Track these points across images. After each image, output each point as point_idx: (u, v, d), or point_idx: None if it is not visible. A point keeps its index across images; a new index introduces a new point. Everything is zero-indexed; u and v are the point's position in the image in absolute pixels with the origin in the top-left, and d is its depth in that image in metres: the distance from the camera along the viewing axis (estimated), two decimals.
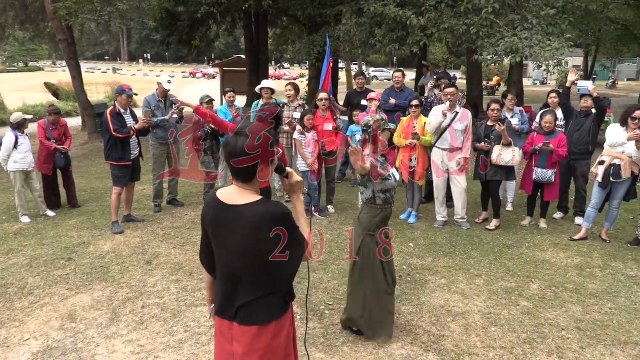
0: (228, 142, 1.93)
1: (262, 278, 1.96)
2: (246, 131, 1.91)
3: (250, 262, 1.93)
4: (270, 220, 1.88)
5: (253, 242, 1.89)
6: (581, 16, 13.03)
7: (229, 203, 1.95)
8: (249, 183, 1.96)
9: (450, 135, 5.84)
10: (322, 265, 4.94)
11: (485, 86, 27.57)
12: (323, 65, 7.82)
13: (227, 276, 1.99)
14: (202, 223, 2.08)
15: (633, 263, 5.08)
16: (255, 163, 1.90)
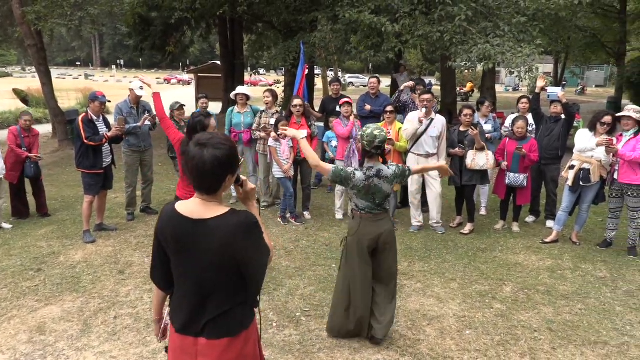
0: (193, 155, 1.82)
1: (234, 289, 1.93)
2: (213, 143, 1.83)
3: (223, 274, 1.89)
4: (244, 230, 1.85)
5: (227, 255, 1.85)
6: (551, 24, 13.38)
7: (195, 218, 1.88)
8: (213, 195, 1.90)
9: (426, 142, 5.91)
10: (298, 272, 4.92)
11: (459, 92, 28.06)
12: (297, 72, 7.84)
13: (194, 292, 1.92)
14: (158, 239, 1.98)
15: (602, 265, 5.21)
16: (224, 176, 1.86)
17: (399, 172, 3.47)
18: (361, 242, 3.48)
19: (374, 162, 3.43)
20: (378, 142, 3.35)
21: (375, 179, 3.38)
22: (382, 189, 3.40)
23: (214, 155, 1.80)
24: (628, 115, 5.36)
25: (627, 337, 3.80)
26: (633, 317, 4.11)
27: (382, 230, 3.46)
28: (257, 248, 1.90)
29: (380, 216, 3.49)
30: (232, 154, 1.87)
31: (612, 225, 5.66)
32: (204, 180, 1.85)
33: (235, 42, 18.49)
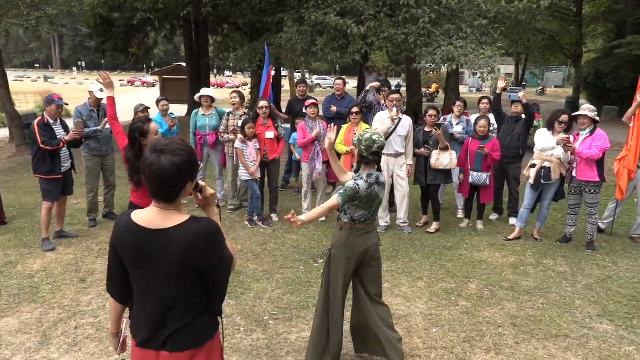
0: (150, 163, 1.74)
1: (196, 299, 1.87)
2: (171, 149, 1.76)
3: (184, 285, 1.83)
4: (205, 238, 1.79)
5: (189, 265, 1.78)
6: (511, 26, 13.74)
7: (153, 228, 1.80)
8: (172, 203, 1.83)
9: (395, 141, 5.97)
10: (266, 275, 4.88)
11: (424, 93, 28.50)
12: (263, 73, 7.80)
13: (154, 304, 1.85)
14: (114, 251, 1.91)
15: (562, 260, 5.37)
16: (183, 183, 1.79)
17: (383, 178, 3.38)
18: (348, 255, 3.22)
19: (371, 169, 3.24)
20: (376, 148, 3.17)
21: (375, 186, 3.20)
22: (379, 196, 3.26)
23: (172, 161, 1.74)
24: (584, 115, 5.55)
25: (587, 330, 3.92)
26: (592, 310, 4.25)
27: (370, 244, 3.25)
28: (220, 256, 1.85)
29: (371, 227, 3.28)
30: (191, 160, 1.81)
31: (572, 221, 5.85)
32: (162, 188, 1.78)
33: (201, 44, 18.24)
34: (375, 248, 3.30)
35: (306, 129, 6.35)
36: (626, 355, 3.58)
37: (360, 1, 9.96)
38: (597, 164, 5.45)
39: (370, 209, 3.24)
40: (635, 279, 4.92)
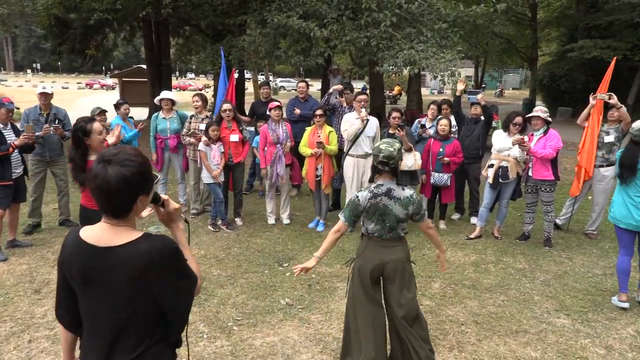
0: (95, 174, 1.58)
1: (150, 327, 1.68)
2: (119, 159, 1.59)
3: (136, 311, 1.64)
4: (159, 258, 1.60)
5: (140, 287, 1.60)
6: (470, 30, 14.10)
7: (101, 245, 1.62)
8: (123, 219, 1.65)
9: (364, 142, 6.00)
10: (230, 280, 4.81)
11: (387, 95, 28.88)
12: (220, 76, 7.71)
13: (103, 332, 1.66)
14: (61, 271, 1.73)
15: (521, 257, 5.52)
16: (133, 197, 1.62)
17: (416, 200, 3.09)
18: (363, 267, 3.12)
19: (384, 179, 3.07)
20: (382, 157, 2.99)
21: (384, 197, 3.02)
22: (392, 211, 3.01)
23: (120, 173, 1.56)
24: (536, 116, 5.74)
25: (545, 325, 4.04)
26: (549, 305, 4.38)
27: (387, 259, 3.07)
28: (177, 278, 1.66)
29: (391, 243, 3.10)
30: (143, 171, 1.63)
31: (529, 219, 6.02)
32: (108, 202, 1.61)
33: (162, 46, 17.90)
34: (395, 264, 3.09)
35: (269, 131, 6.30)
36: (582, 348, 3.70)
37: (322, 5, 10.00)
38: (552, 163, 5.64)
39: (384, 223, 3.05)
40: (590, 273, 5.10)
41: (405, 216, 3.06)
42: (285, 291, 4.59)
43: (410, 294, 3.14)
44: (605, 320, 4.13)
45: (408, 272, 3.16)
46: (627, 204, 4.27)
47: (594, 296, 4.58)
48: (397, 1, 9.96)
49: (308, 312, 4.19)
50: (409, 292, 3.13)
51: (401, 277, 3.12)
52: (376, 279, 3.16)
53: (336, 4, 10.06)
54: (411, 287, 3.16)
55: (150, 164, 1.71)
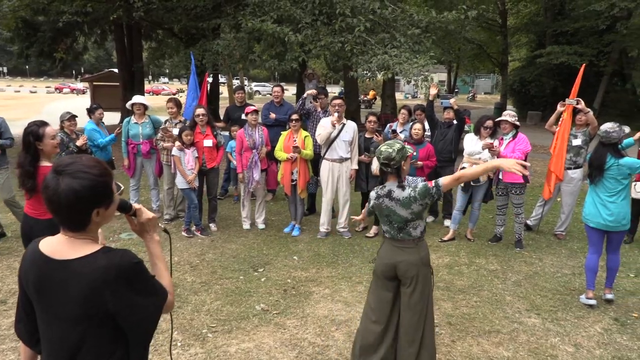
0: (46, 185, 1.50)
1: (107, 345, 1.57)
2: (71, 170, 1.50)
3: (92, 328, 1.53)
4: (116, 274, 1.50)
5: (93, 304, 1.50)
6: (442, 36, 14.36)
7: (57, 258, 1.54)
8: (81, 232, 1.57)
9: (339, 146, 6.02)
10: (204, 287, 4.75)
11: (362, 100, 29.10)
12: (190, 81, 7.63)
13: (59, 350, 1.57)
14: (20, 283, 1.65)
15: (493, 258, 5.62)
16: (86, 210, 1.53)
17: (421, 193, 2.95)
18: (378, 265, 3.19)
19: (389, 181, 3.08)
20: (382, 159, 3.00)
21: (385, 199, 3.04)
22: (396, 211, 3.01)
23: (70, 186, 1.47)
24: (505, 120, 5.88)
25: (517, 324, 4.12)
26: (521, 305, 4.47)
27: (399, 259, 3.06)
28: (137, 296, 1.54)
29: (404, 244, 3.08)
30: (96, 185, 1.52)
31: (501, 221, 6.14)
32: (61, 215, 1.53)
33: (134, 49, 17.62)
34: (407, 266, 3.05)
35: (245, 136, 6.27)
36: (552, 347, 3.79)
37: (296, 9, 10.03)
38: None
39: (392, 224, 3.07)
40: (559, 273, 5.23)
41: (411, 216, 3.00)
42: (260, 297, 4.56)
43: (415, 298, 3.07)
44: (574, 319, 4.24)
45: (422, 277, 3.08)
46: (596, 203, 4.42)
47: (563, 295, 4.70)
48: (371, 7, 10.06)
49: (283, 317, 4.17)
50: (412, 295, 3.08)
51: (414, 280, 3.07)
52: (390, 279, 3.16)
53: (310, 9, 10.11)
54: (417, 294, 3.07)
55: (109, 175, 1.60)
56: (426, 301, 3.12)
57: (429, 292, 3.14)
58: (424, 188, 2.95)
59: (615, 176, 4.32)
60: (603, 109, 20.95)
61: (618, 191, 4.34)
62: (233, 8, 11.27)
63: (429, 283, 3.14)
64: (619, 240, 4.48)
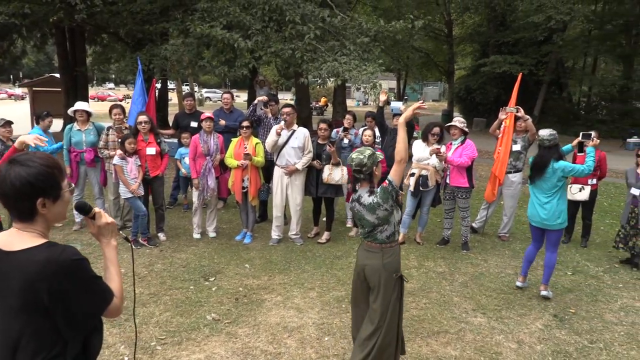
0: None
1: (45, 340, 1.58)
2: (23, 159, 1.58)
3: (30, 321, 1.55)
4: (54, 269, 1.51)
5: (31, 297, 1.52)
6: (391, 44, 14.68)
7: (5, 249, 1.58)
8: (29, 223, 1.60)
9: (288, 153, 6.01)
10: (152, 298, 4.62)
11: (314, 107, 29.28)
12: (135, 87, 7.42)
13: (5, 342, 1.59)
14: None
15: (442, 261, 5.78)
16: (31, 198, 1.57)
17: (382, 197, 3.04)
18: (355, 265, 3.32)
19: (361, 187, 3.18)
20: (354, 166, 3.09)
21: (357, 204, 3.15)
22: (364, 216, 3.10)
23: (17, 173, 1.54)
24: (454, 125, 6.08)
25: (464, 324, 4.25)
26: (467, 305, 4.62)
27: (366, 262, 3.15)
28: (74, 293, 1.55)
29: (371, 247, 3.15)
30: (42, 172, 1.58)
31: (448, 224, 6.33)
32: (8, 203, 1.59)
33: (77, 54, 16.96)
34: (371, 271, 3.11)
35: (200, 142, 6.17)
36: (497, 344, 3.93)
37: (246, 16, 9.99)
38: (467, 171, 5.98)
39: (363, 227, 3.18)
40: (503, 273, 5.45)
41: (377, 220, 3.07)
42: (211, 306, 4.48)
43: (376, 305, 3.09)
44: (517, 317, 4.42)
45: (384, 284, 3.08)
46: (535, 203, 4.78)
47: (506, 294, 4.89)
48: (321, 15, 10.18)
49: (235, 326, 4.12)
50: (374, 304, 3.12)
51: (378, 285, 3.10)
52: (362, 279, 3.23)
53: (260, 15, 10.10)
54: (379, 301, 3.08)
55: (58, 169, 1.65)
56: (386, 313, 3.09)
57: (392, 300, 3.11)
58: (382, 190, 3.05)
59: (551, 178, 4.63)
60: (542, 115, 22.08)
61: (554, 192, 4.67)
62: (182, 13, 11.08)
63: (393, 291, 3.11)
64: (556, 238, 4.77)
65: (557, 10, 17.81)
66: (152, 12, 11.54)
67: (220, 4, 10.15)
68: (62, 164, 6.64)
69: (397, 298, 3.16)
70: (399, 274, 3.17)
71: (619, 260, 5.97)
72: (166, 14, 11.63)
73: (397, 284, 3.15)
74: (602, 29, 22.02)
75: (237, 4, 10.25)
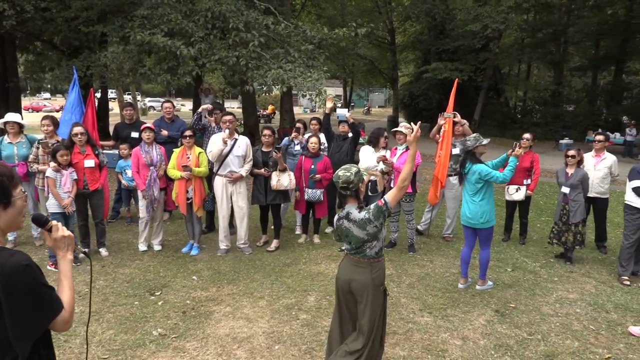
0: None
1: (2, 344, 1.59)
2: None
3: None
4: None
5: None
6: (336, 52, 14.91)
7: None
8: None
9: (232, 161, 5.95)
10: (95, 316, 4.43)
11: (261, 114, 29.16)
12: (69, 96, 7.11)
13: None
14: None
15: (389, 263, 5.88)
16: None
17: (375, 214, 3.07)
18: (337, 280, 3.30)
19: (348, 203, 3.20)
20: (341, 183, 3.11)
21: (344, 221, 3.16)
22: (353, 232, 3.12)
23: None
24: (400, 131, 6.24)
25: (411, 324, 4.35)
26: (415, 306, 4.73)
27: (353, 277, 3.17)
28: (18, 299, 1.55)
29: (359, 262, 3.17)
30: None
31: (394, 227, 6.47)
32: None
33: (7, 63, 16.02)
34: (359, 285, 3.14)
35: (141, 154, 5.98)
36: (443, 342, 4.05)
37: (188, 23, 9.83)
38: None
39: (350, 243, 3.18)
40: (447, 273, 5.62)
41: (367, 237, 3.10)
42: (157, 321, 4.35)
43: (364, 319, 3.15)
44: (461, 314, 4.57)
45: (372, 298, 3.13)
46: (464, 203, 5.11)
47: (451, 293, 5.05)
48: (265, 22, 10.17)
49: (183, 341, 4.01)
50: (363, 318, 3.16)
51: (366, 299, 3.14)
52: (346, 293, 3.26)
53: (203, 23, 9.97)
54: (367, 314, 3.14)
55: (8, 177, 1.65)
56: (373, 327, 3.17)
57: (379, 314, 3.20)
58: (376, 208, 3.07)
59: (470, 179, 4.98)
60: (482, 120, 23.04)
61: (476, 192, 4.98)
62: (121, 19, 10.74)
63: (379, 305, 3.20)
64: (485, 235, 5.05)
65: (492, 19, 18.70)
66: (89, 19, 11.11)
67: (161, 11, 9.94)
68: None
69: (382, 311, 3.26)
70: (384, 287, 3.26)
71: (554, 255, 6.31)
72: (104, 19, 11.25)
73: (383, 297, 3.25)
74: (534, 37, 23.31)
75: (179, 11, 10.07)
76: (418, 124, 3.29)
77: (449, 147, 6.48)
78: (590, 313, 4.68)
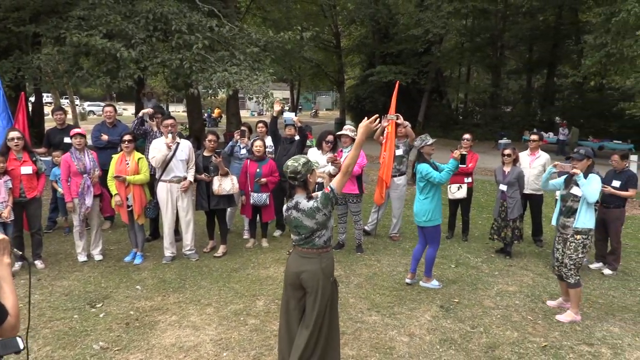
0: None
1: None
2: None
3: None
4: None
5: None
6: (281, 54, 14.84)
7: None
8: None
9: (176, 166, 5.80)
10: (30, 333, 4.17)
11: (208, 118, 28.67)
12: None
13: None
14: None
15: (337, 265, 5.89)
16: None
17: (323, 202, 3.09)
18: (285, 274, 3.27)
19: (297, 194, 3.22)
20: (289, 173, 3.14)
21: (293, 211, 3.16)
22: (302, 222, 3.13)
23: None
24: (345, 134, 6.30)
25: (359, 324, 4.40)
26: (363, 305, 4.79)
27: (303, 269, 3.15)
28: None
29: (308, 254, 3.17)
30: None
31: (342, 229, 6.53)
32: None
33: None
34: (309, 276, 3.13)
35: (72, 161, 5.71)
36: (391, 339, 4.13)
37: (128, 24, 9.52)
38: (357, 178, 6.22)
39: (299, 234, 3.18)
40: (394, 272, 5.73)
41: (316, 225, 3.12)
42: (99, 334, 4.17)
43: (315, 311, 3.13)
44: (408, 311, 4.68)
45: (322, 289, 3.14)
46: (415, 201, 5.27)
47: (398, 291, 5.16)
48: (208, 24, 10.02)
49: (126, 353, 3.87)
50: (313, 310, 3.15)
51: (315, 290, 3.14)
52: (297, 287, 3.22)
53: (144, 24, 9.69)
54: (317, 306, 3.13)
55: None
56: (322, 317, 3.17)
57: (330, 305, 3.22)
58: (324, 195, 3.11)
59: (417, 178, 5.18)
60: (426, 121, 23.71)
61: (421, 191, 5.19)
62: (55, 19, 10.24)
63: (330, 296, 3.22)
64: (429, 234, 5.22)
65: (433, 24, 19.31)
66: (20, 19, 10.53)
67: (99, 12, 9.58)
68: None
69: (334, 303, 3.29)
70: (334, 278, 3.28)
71: (494, 250, 6.58)
72: (37, 19, 10.69)
73: (333, 288, 3.26)
74: (473, 41, 24.28)
75: (118, 12, 9.74)
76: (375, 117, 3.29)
77: (393, 149, 6.62)
78: (528, 304, 4.91)
